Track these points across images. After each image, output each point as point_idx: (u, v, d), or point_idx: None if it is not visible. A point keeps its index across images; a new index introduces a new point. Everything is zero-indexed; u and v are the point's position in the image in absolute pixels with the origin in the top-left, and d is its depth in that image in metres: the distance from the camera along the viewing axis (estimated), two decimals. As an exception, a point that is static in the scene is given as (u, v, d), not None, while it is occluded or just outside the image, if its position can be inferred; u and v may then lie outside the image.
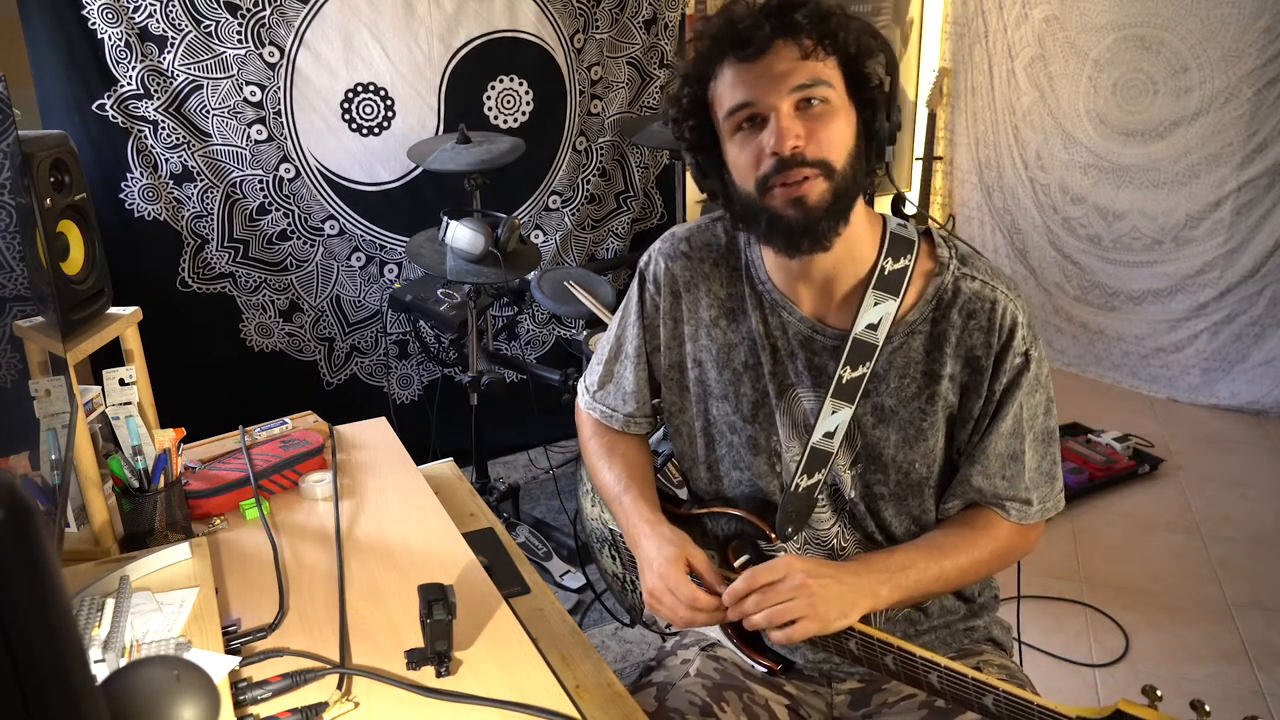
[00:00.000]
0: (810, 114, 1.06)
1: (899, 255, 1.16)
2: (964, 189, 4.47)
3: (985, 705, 1.02)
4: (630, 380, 1.34)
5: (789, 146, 1.04)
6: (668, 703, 1.21)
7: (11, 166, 1.20)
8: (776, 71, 1.05)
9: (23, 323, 1.28)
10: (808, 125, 1.05)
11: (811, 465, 1.19)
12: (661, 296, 1.29)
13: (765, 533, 1.22)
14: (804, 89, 1.05)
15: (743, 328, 1.23)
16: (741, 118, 1.08)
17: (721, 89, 1.10)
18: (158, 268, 2.78)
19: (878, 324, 1.14)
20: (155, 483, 1.34)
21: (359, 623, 1.17)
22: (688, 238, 1.28)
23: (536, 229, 3.36)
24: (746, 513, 1.24)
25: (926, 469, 1.19)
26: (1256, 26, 3.37)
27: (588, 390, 1.41)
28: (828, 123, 1.06)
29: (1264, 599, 2.56)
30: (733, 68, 1.08)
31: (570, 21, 3.18)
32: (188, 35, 2.62)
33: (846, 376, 1.15)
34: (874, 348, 1.14)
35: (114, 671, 0.93)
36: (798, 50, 1.04)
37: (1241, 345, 3.65)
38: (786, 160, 1.05)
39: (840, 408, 1.16)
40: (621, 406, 1.36)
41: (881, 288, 1.15)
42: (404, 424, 2.00)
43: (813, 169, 1.05)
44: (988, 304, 1.13)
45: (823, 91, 1.05)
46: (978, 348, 1.13)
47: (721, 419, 1.26)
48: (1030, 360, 1.14)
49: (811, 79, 1.05)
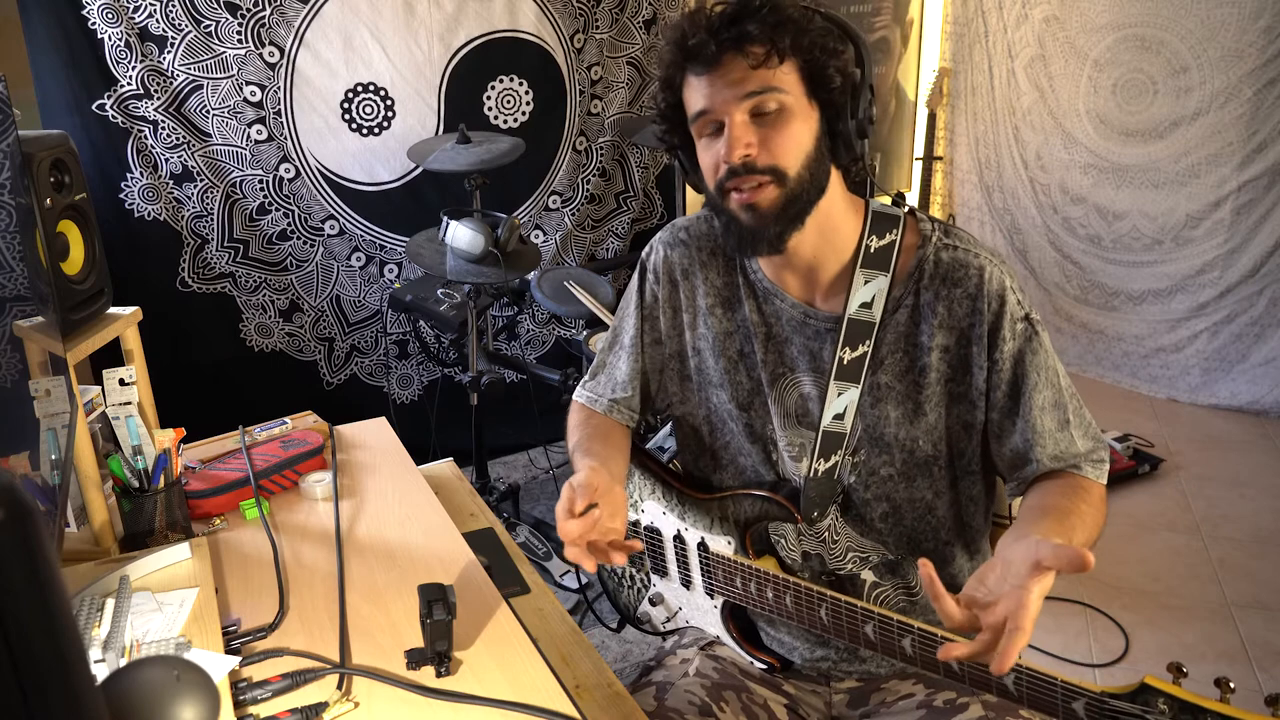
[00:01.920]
0: (765, 120, 1.09)
1: (884, 232, 1.17)
2: (964, 189, 4.47)
3: (1004, 684, 1.00)
4: (623, 369, 1.35)
5: (738, 155, 1.08)
6: (667, 702, 1.21)
7: (11, 166, 1.20)
8: (730, 80, 1.08)
9: (23, 323, 1.28)
10: (761, 132, 1.09)
11: (826, 448, 1.19)
12: (660, 285, 1.31)
13: (791, 514, 1.22)
14: (754, 97, 1.08)
15: (738, 316, 1.25)
16: (703, 124, 1.13)
17: (687, 95, 1.14)
18: (158, 268, 2.78)
19: (871, 302, 1.15)
20: (155, 483, 1.34)
21: (359, 623, 1.17)
22: (687, 227, 1.31)
23: (536, 229, 3.36)
24: (772, 493, 1.24)
25: (932, 446, 1.18)
26: (1256, 26, 3.37)
27: (583, 383, 1.43)
28: (781, 128, 1.09)
29: (1264, 599, 2.56)
30: (694, 77, 1.12)
31: (570, 21, 3.18)
32: (188, 35, 2.62)
33: (847, 358, 1.16)
34: (871, 325, 1.15)
35: (114, 671, 0.93)
36: (748, 60, 1.07)
37: (1241, 345, 3.65)
38: (737, 168, 1.09)
39: (846, 389, 1.17)
40: (608, 392, 1.37)
41: (869, 265, 1.16)
42: (404, 424, 2.00)
43: (764, 175, 1.09)
44: (973, 271, 1.13)
45: (775, 98, 1.08)
46: (965, 316, 1.13)
47: (721, 407, 1.28)
48: (1034, 324, 1.14)
49: (762, 86, 1.07)
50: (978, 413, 1.16)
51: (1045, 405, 1.14)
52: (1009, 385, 1.14)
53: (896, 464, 1.19)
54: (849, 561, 1.25)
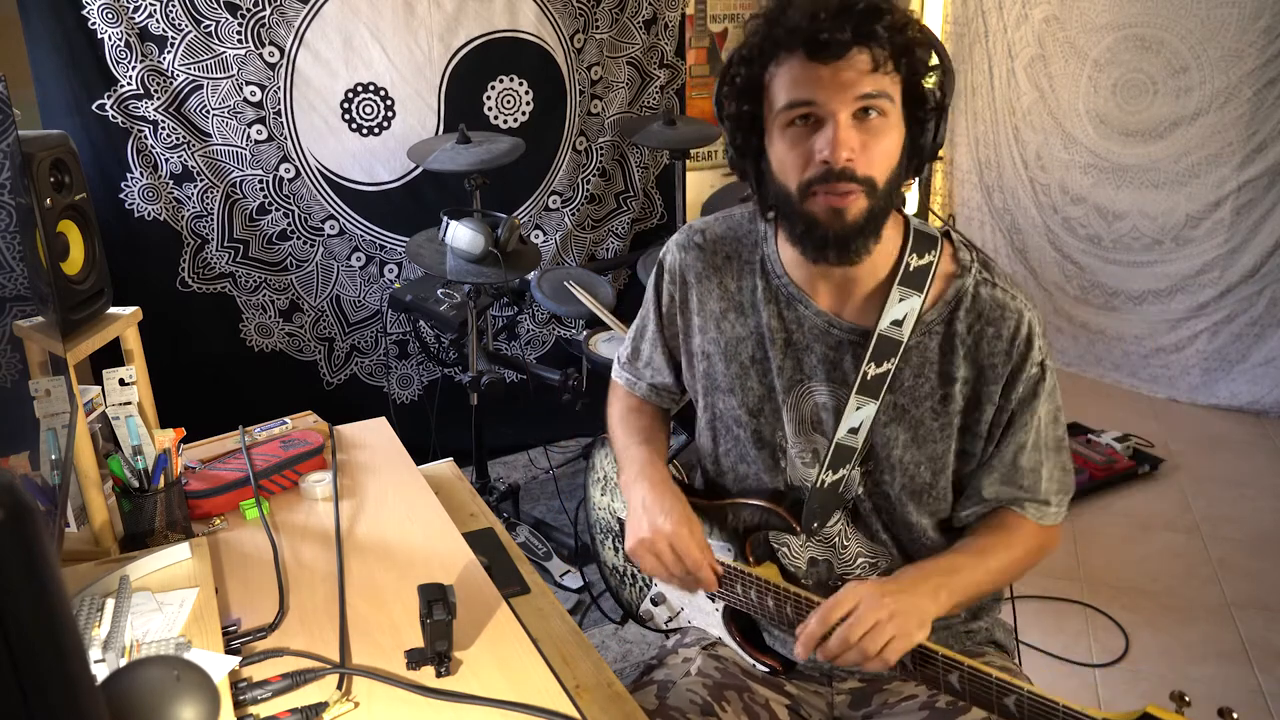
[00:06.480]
0: (866, 126, 1.05)
1: (923, 252, 1.16)
2: (964, 189, 4.47)
3: (1006, 705, 1.01)
4: (655, 356, 1.37)
5: (843, 157, 1.04)
6: (668, 701, 1.21)
7: (11, 166, 1.20)
8: (845, 78, 1.03)
9: (23, 323, 1.28)
10: (862, 138, 1.05)
11: (837, 461, 1.19)
12: (676, 288, 1.30)
13: (791, 525, 1.22)
14: (867, 99, 1.04)
15: (750, 322, 1.23)
16: (796, 114, 1.07)
17: (782, 79, 1.07)
18: (158, 268, 2.78)
19: (902, 320, 1.14)
20: (155, 483, 1.34)
21: (359, 623, 1.17)
22: (704, 230, 1.29)
23: (536, 229, 3.36)
24: (773, 504, 1.24)
25: (931, 475, 1.18)
26: (1256, 26, 3.36)
27: (619, 360, 1.44)
28: (881, 138, 1.06)
29: (1264, 599, 2.56)
30: (801, 63, 1.05)
31: (570, 21, 3.18)
32: (188, 35, 2.62)
33: (871, 373, 1.15)
34: (899, 344, 1.14)
35: (114, 671, 0.93)
36: (870, 61, 1.03)
37: (1241, 345, 3.65)
38: (836, 172, 1.04)
39: (865, 404, 1.16)
40: (648, 376, 1.39)
41: (906, 284, 1.14)
42: (404, 424, 1.99)
43: (858, 185, 1.05)
44: (1010, 314, 1.13)
45: (883, 105, 1.05)
46: (994, 355, 1.13)
47: (727, 413, 1.27)
48: (1046, 370, 1.15)
49: (877, 91, 1.04)
50: (979, 443, 1.18)
51: (1024, 445, 1.17)
52: (1006, 422, 1.16)
53: (895, 486, 1.19)
54: (858, 567, 1.25)
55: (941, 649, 1.06)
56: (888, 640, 1.03)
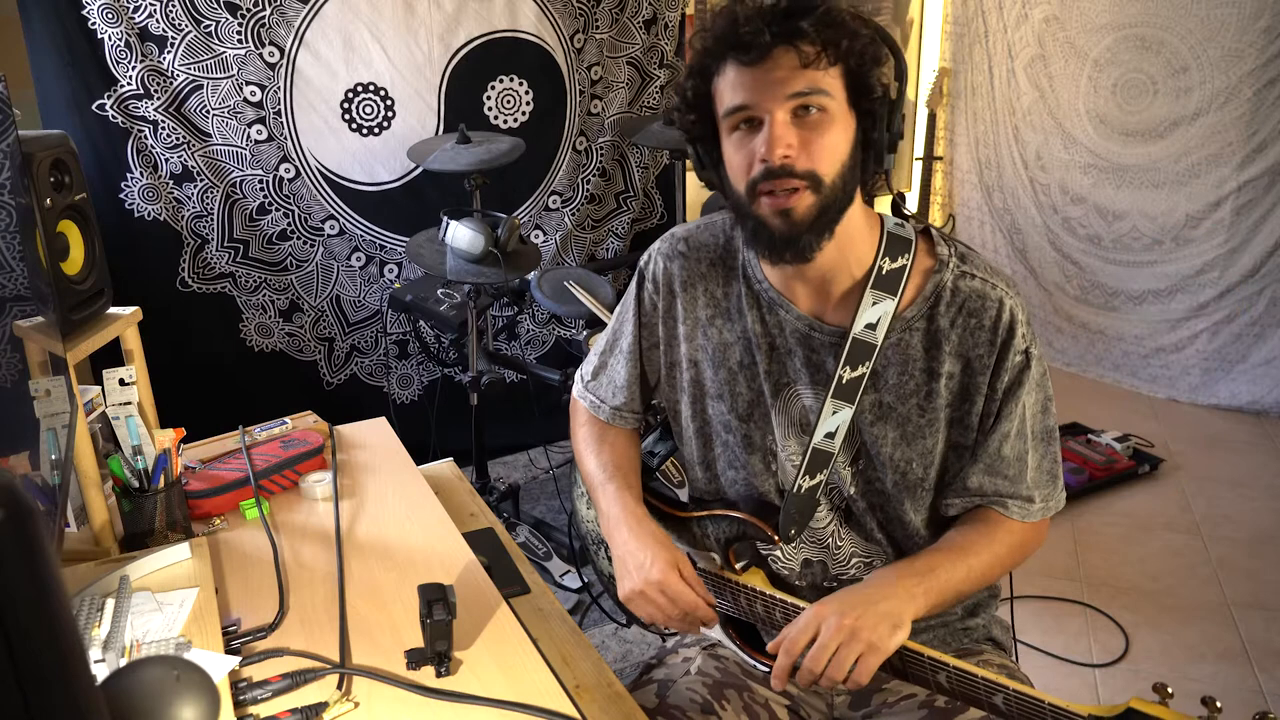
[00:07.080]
0: (806, 122, 1.05)
1: (896, 255, 1.15)
2: (964, 189, 4.47)
3: (995, 704, 1.01)
4: (622, 374, 1.35)
5: (779, 155, 1.05)
6: (668, 700, 1.21)
7: (11, 166, 1.20)
8: (775, 77, 1.04)
9: (23, 323, 1.29)
10: (802, 134, 1.05)
11: (814, 466, 1.19)
12: (660, 296, 1.29)
13: (768, 535, 1.22)
14: (801, 97, 1.04)
15: (737, 327, 1.23)
16: (739, 119, 1.08)
17: (722, 86, 1.10)
18: (158, 268, 2.78)
19: (876, 323, 1.14)
20: (155, 483, 1.34)
21: (359, 623, 1.17)
22: (686, 238, 1.28)
23: (536, 229, 3.36)
24: (748, 515, 1.24)
25: (923, 469, 1.18)
26: (1256, 26, 3.37)
27: (582, 379, 1.42)
28: (822, 132, 1.06)
29: (1264, 599, 2.56)
30: (734, 68, 1.07)
31: (570, 21, 3.18)
32: (188, 35, 2.62)
33: (847, 376, 1.15)
34: (873, 347, 1.14)
35: (114, 671, 0.93)
36: (798, 58, 1.04)
37: (1241, 345, 3.65)
38: (775, 170, 1.05)
39: (841, 408, 1.16)
40: (610, 398, 1.36)
41: (879, 287, 1.15)
42: (404, 424, 2.00)
43: (801, 180, 1.06)
44: (991, 303, 1.13)
45: (820, 100, 1.05)
46: (978, 346, 1.13)
47: (717, 418, 1.26)
48: (1031, 359, 1.14)
49: (810, 87, 1.04)
50: (971, 435, 1.17)
51: (1008, 434, 1.16)
52: (995, 412, 1.16)
53: (888, 483, 1.19)
54: (853, 566, 1.25)
55: (927, 650, 1.05)
56: (855, 660, 1.03)
